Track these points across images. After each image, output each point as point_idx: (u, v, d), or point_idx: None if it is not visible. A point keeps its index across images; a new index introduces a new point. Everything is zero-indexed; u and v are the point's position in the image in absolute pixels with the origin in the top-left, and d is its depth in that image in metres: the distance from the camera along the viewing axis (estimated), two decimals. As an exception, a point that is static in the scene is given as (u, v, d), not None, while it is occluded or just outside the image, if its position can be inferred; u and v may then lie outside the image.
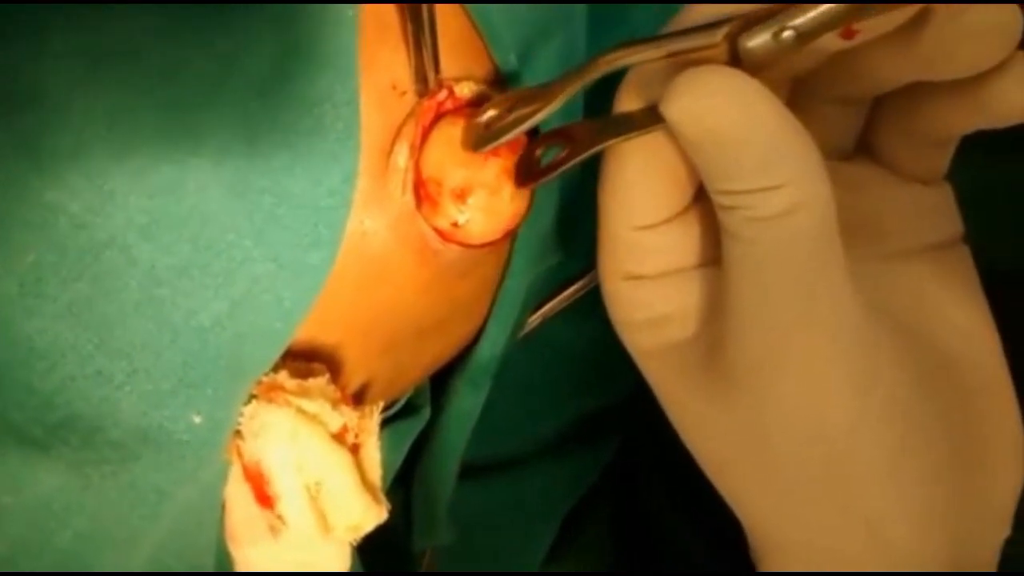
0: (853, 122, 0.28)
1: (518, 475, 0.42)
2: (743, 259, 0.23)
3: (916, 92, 0.25)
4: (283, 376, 0.24)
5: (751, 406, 0.24)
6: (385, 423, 0.30)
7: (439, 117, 0.25)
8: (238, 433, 0.23)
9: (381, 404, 0.27)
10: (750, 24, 0.22)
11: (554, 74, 0.28)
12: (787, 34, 0.22)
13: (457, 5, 0.26)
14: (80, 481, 0.21)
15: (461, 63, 0.26)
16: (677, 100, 0.22)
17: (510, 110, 0.25)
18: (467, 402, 0.32)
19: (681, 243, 0.26)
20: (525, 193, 0.27)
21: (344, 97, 0.23)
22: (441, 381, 0.33)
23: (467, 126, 0.25)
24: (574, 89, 0.24)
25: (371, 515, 0.25)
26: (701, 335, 0.25)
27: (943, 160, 0.27)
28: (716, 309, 0.25)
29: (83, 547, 0.22)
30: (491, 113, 0.25)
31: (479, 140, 0.25)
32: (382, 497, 0.25)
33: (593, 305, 0.37)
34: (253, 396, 0.24)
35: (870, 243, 0.27)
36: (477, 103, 0.26)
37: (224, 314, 0.22)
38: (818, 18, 0.22)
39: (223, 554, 0.25)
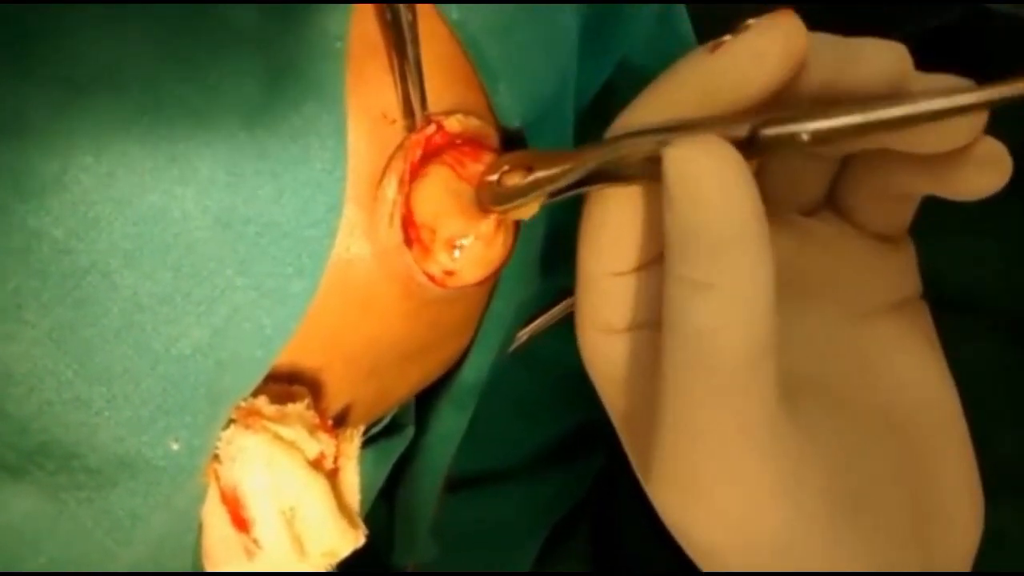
0: (822, 177, 0.28)
1: (503, 489, 0.42)
2: (671, 363, 0.23)
3: (884, 153, 0.25)
4: (262, 401, 0.24)
5: (680, 521, 0.24)
6: (368, 441, 0.30)
7: (430, 153, 0.25)
8: (216, 456, 0.24)
9: (362, 428, 0.27)
10: (773, 122, 0.23)
11: (545, 104, 0.28)
12: (805, 137, 0.22)
13: (450, 34, 0.26)
14: (54, 507, 0.21)
15: (452, 92, 0.26)
16: (681, 148, 0.22)
17: (527, 170, 0.25)
18: (451, 423, 0.32)
19: (653, 298, 0.26)
20: (513, 235, 0.27)
21: (330, 128, 0.23)
22: (426, 399, 0.33)
23: (481, 184, 0.25)
24: (597, 161, 0.24)
25: (347, 540, 0.25)
26: (647, 409, 0.25)
27: (906, 216, 0.27)
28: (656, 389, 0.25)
29: (56, 572, 0.22)
30: (504, 170, 0.25)
31: (495, 198, 0.25)
32: (359, 522, 0.25)
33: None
34: (231, 420, 0.24)
35: (830, 299, 0.27)
36: (468, 138, 0.26)
37: (205, 342, 0.22)
38: (839, 128, 0.22)
39: (198, 576, 0.25)
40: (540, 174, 0.25)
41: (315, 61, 0.23)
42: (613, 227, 0.25)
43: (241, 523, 0.24)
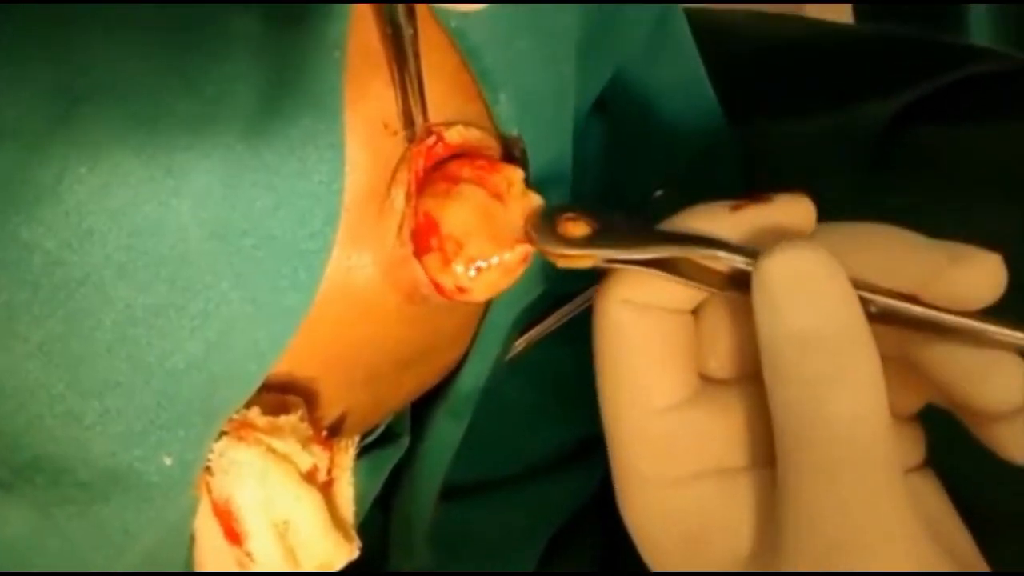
0: None
1: (504, 497, 0.42)
2: (805, 462, 0.22)
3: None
4: (255, 413, 0.24)
5: None
6: (363, 450, 0.30)
7: (431, 164, 0.25)
8: (208, 469, 0.23)
9: (357, 439, 0.27)
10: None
11: (546, 114, 0.28)
12: (872, 309, 0.23)
13: (450, 44, 0.26)
14: (45, 522, 0.21)
15: (452, 103, 0.26)
16: (778, 254, 0.23)
17: (589, 225, 0.25)
18: (447, 432, 0.32)
19: (713, 436, 0.25)
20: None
21: (329, 140, 0.22)
22: (421, 408, 0.32)
23: (534, 218, 0.25)
24: (666, 253, 0.24)
25: (341, 553, 0.25)
26: (756, 551, 0.24)
27: (923, 402, 0.27)
28: (769, 518, 0.24)
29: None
30: (568, 217, 0.25)
31: (548, 239, 0.25)
32: (353, 535, 0.25)
33: (588, 331, 0.37)
34: (224, 433, 0.23)
35: None
36: (468, 149, 0.25)
37: (199, 356, 0.22)
38: (901, 311, 0.24)
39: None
40: (604, 250, 0.25)
41: (314, 71, 0.22)
42: (644, 352, 0.25)
43: (234, 536, 0.24)
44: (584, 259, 0.25)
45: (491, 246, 0.25)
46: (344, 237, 0.24)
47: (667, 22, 0.38)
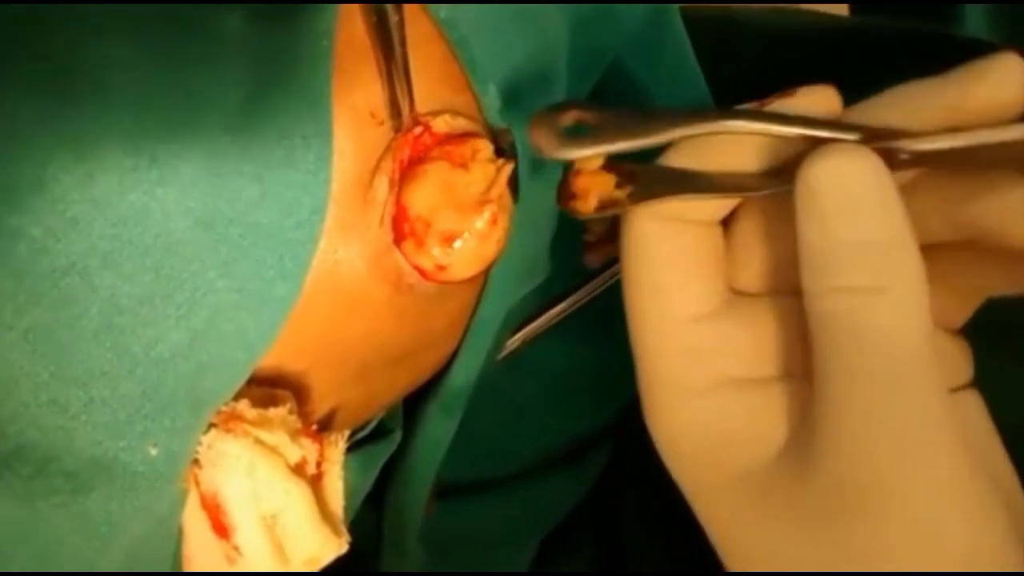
0: None
1: (500, 496, 0.41)
2: (847, 369, 0.22)
3: (965, 247, 0.25)
4: (243, 405, 0.24)
5: (857, 542, 0.22)
6: (355, 446, 0.30)
7: (419, 154, 0.25)
8: (196, 461, 0.23)
9: (346, 433, 0.26)
10: (874, 137, 0.23)
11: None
12: (904, 156, 0.23)
13: (439, 34, 0.26)
14: (30, 513, 0.21)
15: (440, 93, 0.26)
16: (825, 160, 0.22)
17: (596, 126, 0.23)
18: (438, 429, 0.31)
19: (741, 346, 0.25)
20: (505, 233, 0.26)
21: (316, 129, 0.22)
22: (414, 404, 0.32)
23: (540, 120, 0.23)
24: (676, 136, 0.23)
25: (330, 547, 0.25)
26: (782, 461, 0.24)
27: (971, 311, 0.27)
28: (799, 428, 0.24)
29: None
30: (572, 115, 0.23)
31: (559, 146, 0.23)
32: (342, 529, 0.25)
33: (585, 329, 0.37)
34: (212, 425, 0.23)
35: None
36: (456, 138, 0.25)
37: (185, 345, 0.22)
38: (937, 150, 0.23)
39: (179, 584, 0.24)
40: (611, 144, 0.23)
41: (301, 61, 0.22)
42: (672, 263, 0.24)
43: (222, 529, 0.23)
44: (590, 162, 0.24)
45: (458, 217, 0.25)
46: (331, 227, 0.23)
47: (661, 17, 0.38)
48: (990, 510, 0.23)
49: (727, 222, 0.26)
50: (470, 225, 0.25)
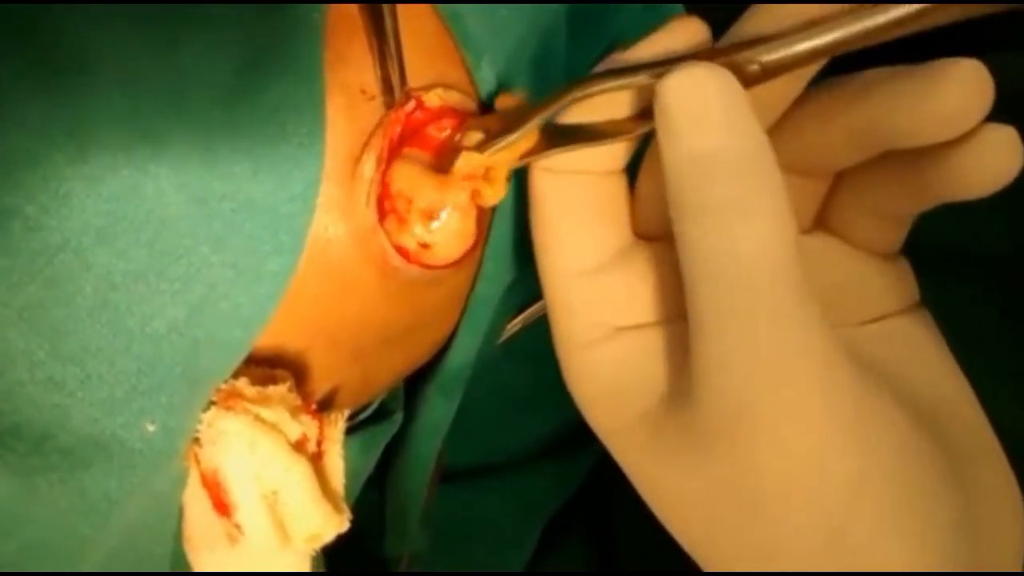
0: (813, 196, 0.27)
1: (501, 481, 0.41)
2: (711, 300, 0.21)
3: (877, 169, 0.25)
4: (243, 383, 0.23)
5: (734, 470, 0.22)
6: (356, 427, 0.30)
7: (410, 129, 0.25)
8: (196, 439, 0.23)
9: (346, 412, 0.26)
10: (716, 55, 0.22)
11: (529, 82, 0.27)
12: (753, 67, 0.22)
13: (430, 7, 0.25)
14: (27, 490, 0.21)
15: (433, 68, 0.25)
16: (670, 77, 0.22)
17: (487, 132, 0.24)
18: (438, 410, 0.31)
19: (633, 293, 0.25)
20: (488, 213, 0.26)
21: (308, 102, 0.22)
22: (414, 386, 0.32)
23: (442, 149, 0.25)
24: (547, 115, 0.24)
25: (331, 524, 0.24)
26: (669, 399, 0.24)
27: (902, 234, 0.26)
28: (682, 366, 0.23)
29: (28, 558, 0.21)
30: (468, 136, 0.25)
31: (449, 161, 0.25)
32: (344, 506, 0.25)
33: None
34: (212, 403, 0.23)
35: (833, 316, 0.26)
36: (449, 112, 0.25)
37: (180, 321, 0.22)
38: (793, 55, 0.22)
39: (180, 563, 0.24)
40: (498, 133, 0.24)
41: (291, 34, 0.22)
42: (570, 216, 0.24)
43: (223, 507, 0.23)
44: (499, 170, 0.25)
45: (439, 194, 0.25)
46: (323, 204, 0.23)
47: (661, 4, 0.38)
48: (882, 436, 0.22)
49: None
50: (452, 198, 0.25)
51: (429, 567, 0.38)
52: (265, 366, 0.25)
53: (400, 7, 0.24)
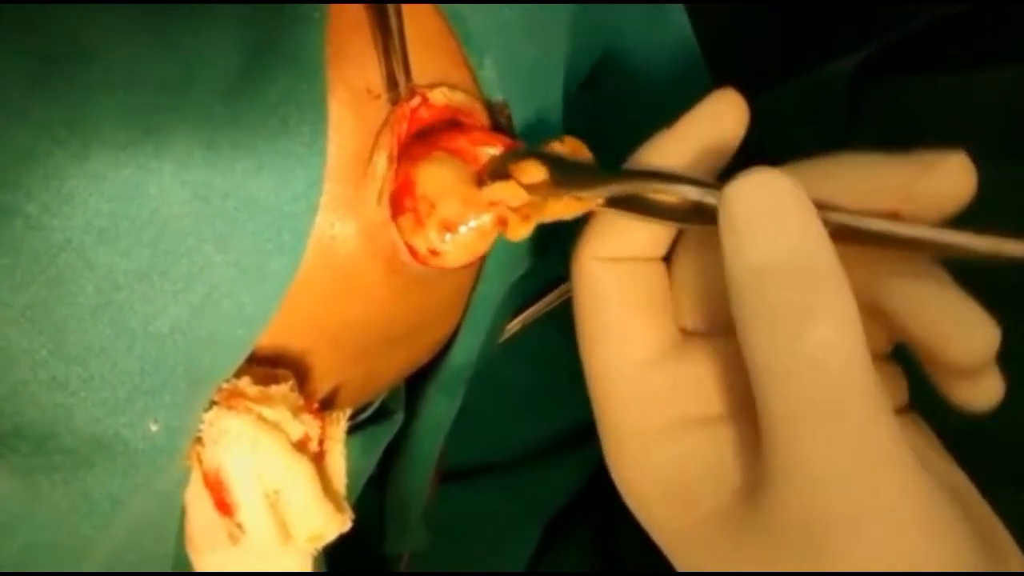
0: None
1: (503, 480, 0.41)
2: (786, 403, 0.21)
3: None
4: (245, 382, 0.23)
5: (816, 572, 0.22)
6: (358, 427, 0.30)
7: (417, 127, 0.25)
8: (198, 439, 0.23)
9: (348, 411, 0.26)
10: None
11: (532, 80, 0.27)
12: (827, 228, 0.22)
13: (434, 9, 0.25)
14: (29, 490, 0.21)
15: (436, 66, 0.25)
16: (741, 180, 0.22)
17: (554, 175, 0.24)
18: (440, 410, 0.31)
19: (692, 387, 0.24)
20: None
21: (310, 99, 0.22)
22: (415, 386, 0.32)
23: (486, 166, 0.25)
24: (618, 191, 0.24)
25: (333, 524, 0.24)
26: (742, 498, 0.23)
27: (894, 342, 0.26)
28: (752, 464, 0.23)
29: (30, 558, 0.21)
30: (523, 168, 0.24)
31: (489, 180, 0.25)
32: (345, 506, 0.25)
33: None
34: (214, 402, 0.23)
35: None
36: (453, 110, 0.25)
37: (183, 320, 0.21)
38: (865, 230, 0.23)
39: (182, 563, 0.24)
40: (559, 183, 0.24)
41: (294, 32, 0.22)
42: (624, 307, 0.24)
43: (224, 507, 0.23)
44: (546, 206, 0.25)
45: (463, 209, 0.25)
46: (328, 202, 0.23)
47: (662, 7, 0.38)
48: (954, 523, 0.22)
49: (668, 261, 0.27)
50: (476, 218, 0.25)
51: (430, 566, 0.38)
52: (267, 365, 0.25)
53: (404, 5, 0.24)
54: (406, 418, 0.32)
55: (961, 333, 0.23)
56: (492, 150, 0.26)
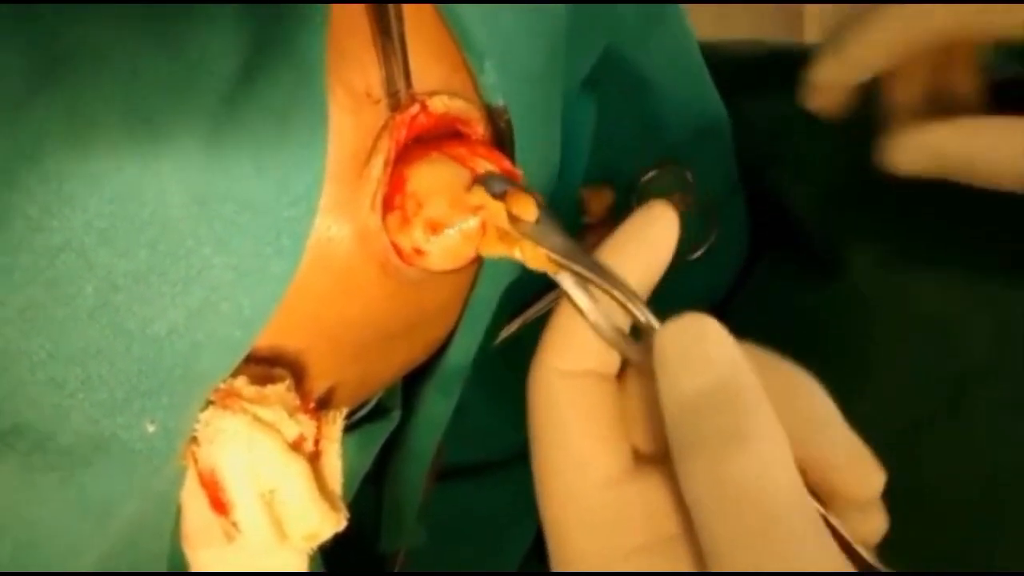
0: None
1: (499, 478, 0.41)
2: (725, 526, 0.22)
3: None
4: (241, 382, 0.24)
5: None
6: (354, 425, 0.30)
7: (415, 134, 0.25)
8: (194, 438, 0.23)
9: (344, 411, 0.27)
10: None
11: (532, 85, 0.27)
12: None
13: (435, 13, 0.26)
14: (27, 488, 0.21)
15: (436, 73, 0.25)
16: (669, 324, 0.23)
17: (537, 222, 0.25)
18: (436, 409, 0.31)
19: (643, 509, 0.24)
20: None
21: (310, 102, 0.22)
22: (412, 384, 0.32)
23: (482, 176, 0.25)
24: (586, 274, 0.25)
25: (328, 523, 0.25)
26: None
27: None
28: None
29: (26, 557, 0.22)
30: (517, 200, 0.25)
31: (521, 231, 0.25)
32: (341, 505, 0.25)
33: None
34: (210, 402, 0.23)
35: None
36: (452, 118, 0.25)
37: (181, 322, 0.22)
38: None
39: (178, 562, 0.24)
40: (559, 248, 0.25)
41: (295, 35, 0.22)
42: (594, 421, 0.25)
43: (220, 506, 0.24)
44: (529, 251, 0.25)
45: (450, 211, 0.25)
46: (326, 205, 0.23)
47: (661, 11, 0.38)
48: None
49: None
50: (462, 222, 0.25)
51: (427, 564, 0.38)
52: (264, 365, 0.25)
53: (405, 12, 0.24)
54: (403, 416, 0.32)
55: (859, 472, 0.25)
56: (490, 165, 0.26)
